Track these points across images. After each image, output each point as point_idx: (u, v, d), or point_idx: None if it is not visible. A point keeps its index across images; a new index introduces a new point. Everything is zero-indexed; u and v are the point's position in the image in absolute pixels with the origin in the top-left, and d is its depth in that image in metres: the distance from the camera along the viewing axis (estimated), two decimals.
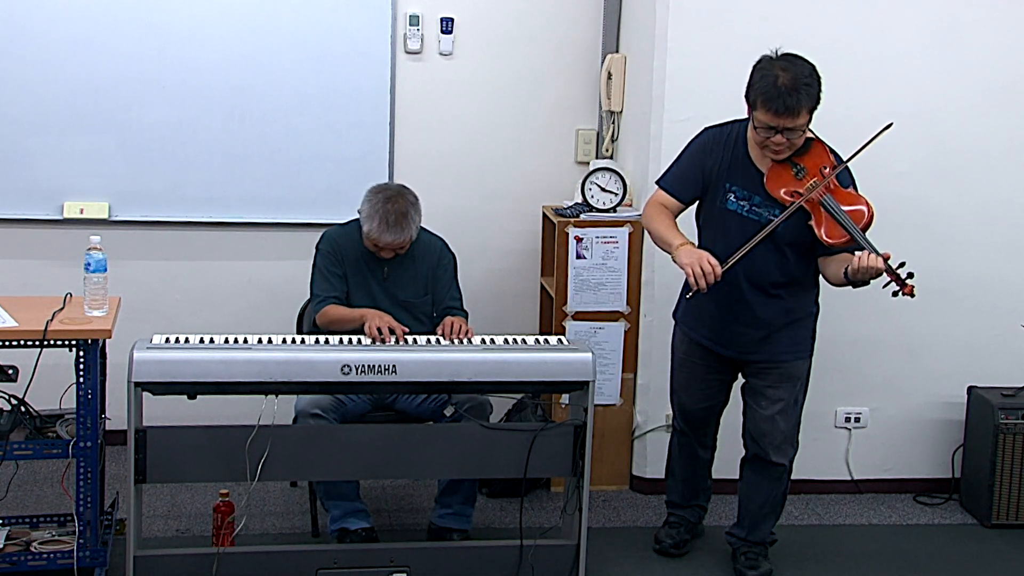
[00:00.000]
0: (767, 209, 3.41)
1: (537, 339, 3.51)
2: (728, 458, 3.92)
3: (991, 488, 4.21)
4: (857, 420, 4.47)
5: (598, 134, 4.74)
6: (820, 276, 3.58)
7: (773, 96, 3.24)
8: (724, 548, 3.88)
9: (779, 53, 3.33)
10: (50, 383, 3.34)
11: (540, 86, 4.70)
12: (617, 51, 4.63)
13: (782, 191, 3.38)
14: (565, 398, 4.19)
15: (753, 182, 3.44)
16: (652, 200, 3.61)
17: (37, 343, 3.22)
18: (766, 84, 3.26)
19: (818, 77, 3.31)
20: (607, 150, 4.68)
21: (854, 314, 4.36)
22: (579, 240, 4.29)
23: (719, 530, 3.97)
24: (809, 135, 3.41)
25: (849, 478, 4.51)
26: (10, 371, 3.36)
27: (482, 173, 4.72)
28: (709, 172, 3.49)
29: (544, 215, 4.64)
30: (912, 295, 3.25)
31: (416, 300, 3.86)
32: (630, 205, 4.41)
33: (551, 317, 4.43)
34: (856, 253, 3.30)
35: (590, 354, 3.39)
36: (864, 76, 4.22)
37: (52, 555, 3.37)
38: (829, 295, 4.31)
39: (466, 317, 3.87)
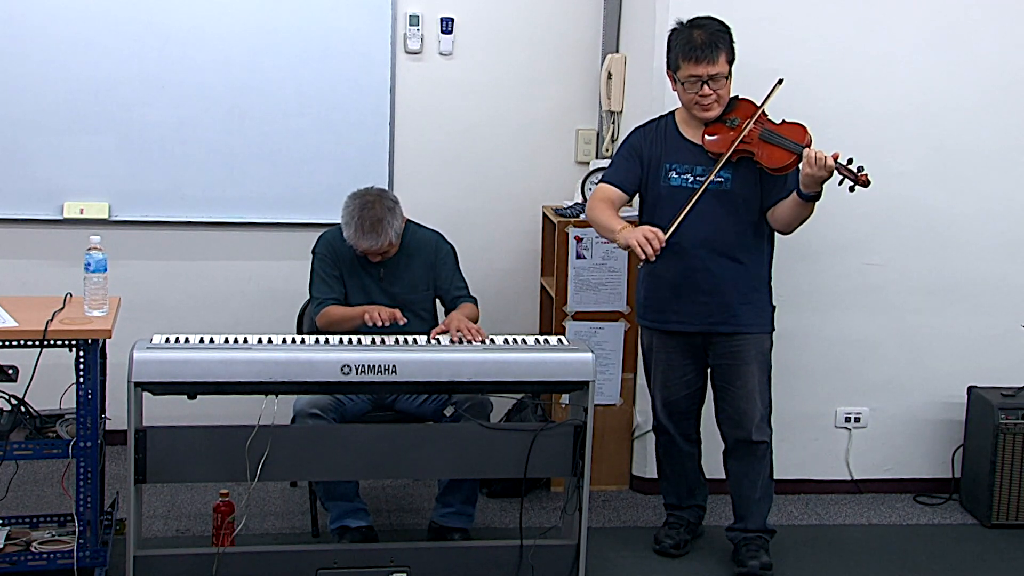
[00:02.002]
0: (715, 174, 3.56)
1: (537, 339, 3.51)
2: (718, 459, 3.92)
3: (991, 488, 4.21)
4: (857, 420, 4.47)
5: (598, 134, 4.74)
6: (772, 246, 3.71)
7: (692, 48, 3.49)
8: (724, 548, 3.88)
9: (686, 21, 3.57)
10: (50, 383, 3.34)
11: (540, 86, 4.70)
12: (617, 51, 4.63)
13: (720, 146, 3.55)
14: (565, 398, 4.19)
15: (691, 155, 3.60)
16: (595, 195, 3.75)
17: (37, 343, 3.21)
18: (684, 42, 3.52)
19: (729, 29, 3.54)
20: (607, 150, 4.68)
21: (854, 314, 4.37)
22: (579, 240, 4.29)
23: (719, 530, 3.97)
24: (734, 95, 3.61)
25: (849, 478, 4.51)
26: (10, 371, 3.36)
27: (482, 173, 4.72)
28: (647, 160, 3.66)
29: (544, 215, 4.64)
30: (867, 183, 3.37)
31: (415, 297, 3.87)
32: (630, 205, 4.40)
33: (551, 317, 4.43)
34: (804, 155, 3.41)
35: (590, 354, 3.39)
36: (864, 76, 4.22)
37: (52, 555, 3.37)
38: (830, 295, 4.33)
39: (475, 303, 3.88)
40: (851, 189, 3.39)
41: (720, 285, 3.61)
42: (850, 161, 3.38)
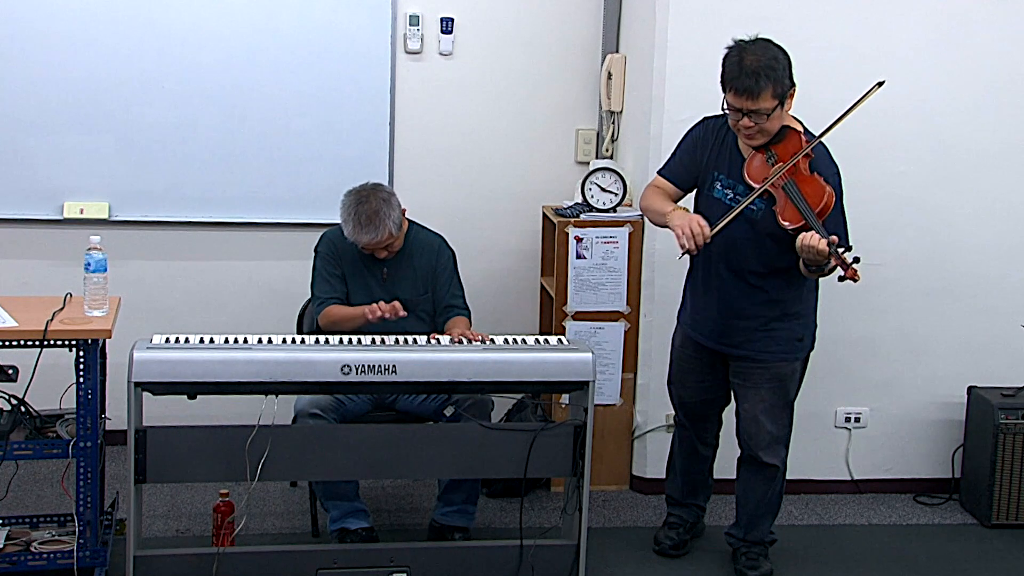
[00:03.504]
0: (748, 197, 3.45)
1: (537, 339, 3.51)
2: (729, 457, 3.92)
3: (991, 488, 4.21)
4: (857, 420, 4.47)
5: (598, 134, 4.74)
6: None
7: (735, 76, 3.30)
8: (724, 548, 3.88)
9: (752, 38, 3.37)
10: (50, 383, 3.34)
11: (540, 86, 4.70)
12: (617, 51, 4.63)
13: (755, 177, 3.43)
14: (565, 398, 4.19)
15: (737, 171, 3.48)
16: (649, 185, 3.69)
17: (37, 343, 3.22)
18: (731, 67, 3.32)
19: (786, 62, 3.34)
20: (607, 150, 4.69)
21: (854, 314, 4.37)
22: (579, 240, 4.29)
23: (719, 530, 3.97)
24: (787, 123, 3.45)
25: (849, 478, 4.51)
26: (10, 371, 3.36)
27: (482, 173, 4.72)
28: (700, 161, 3.56)
29: (544, 215, 4.64)
30: (855, 279, 3.19)
31: (416, 299, 3.86)
32: (630, 205, 4.41)
33: (551, 317, 4.43)
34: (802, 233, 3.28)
35: (590, 354, 3.39)
36: (864, 76, 4.21)
37: (52, 555, 3.37)
38: (830, 295, 4.33)
39: (469, 315, 3.88)
40: (840, 279, 3.22)
41: (737, 309, 3.55)
42: (848, 249, 3.23)
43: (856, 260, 3.19)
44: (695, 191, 3.63)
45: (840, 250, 3.20)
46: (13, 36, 4.31)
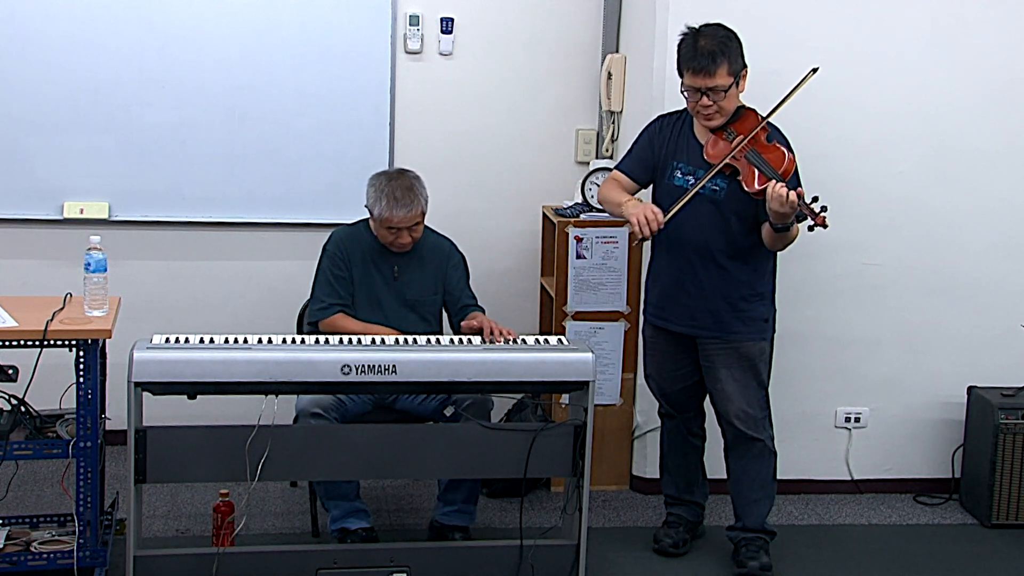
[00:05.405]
0: (711, 181, 3.54)
1: (537, 339, 3.51)
2: (722, 456, 3.92)
3: (991, 488, 4.21)
4: (857, 420, 4.47)
5: (598, 134, 4.74)
6: (772, 257, 3.69)
7: (691, 57, 3.45)
8: (724, 548, 3.88)
9: (704, 23, 3.51)
10: (50, 383, 3.34)
11: (540, 86, 4.70)
12: (617, 51, 4.63)
13: (715, 157, 3.52)
14: (565, 398, 4.19)
15: (696, 157, 3.59)
16: (607, 179, 3.81)
17: (37, 343, 3.21)
18: (686, 50, 3.48)
19: (738, 42, 3.48)
20: (607, 150, 4.69)
21: (854, 314, 4.37)
22: (579, 240, 4.29)
23: (719, 531, 3.97)
24: (741, 104, 3.56)
25: (849, 478, 4.51)
26: (10, 371, 3.36)
27: (482, 173, 4.72)
28: (658, 153, 3.67)
29: (544, 215, 4.64)
30: (824, 225, 3.31)
31: (424, 299, 3.86)
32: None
33: (551, 317, 4.44)
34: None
35: (590, 354, 3.39)
36: (864, 76, 4.22)
37: (52, 555, 3.37)
38: (829, 295, 4.33)
39: (483, 313, 3.89)
40: (810, 228, 3.34)
41: (707, 291, 3.62)
42: (815, 200, 3.32)
43: (824, 209, 3.31)
44: (653, 183, 3.72)
45: (808, 202, 3.33)
46: (13, 36, 4.31)
